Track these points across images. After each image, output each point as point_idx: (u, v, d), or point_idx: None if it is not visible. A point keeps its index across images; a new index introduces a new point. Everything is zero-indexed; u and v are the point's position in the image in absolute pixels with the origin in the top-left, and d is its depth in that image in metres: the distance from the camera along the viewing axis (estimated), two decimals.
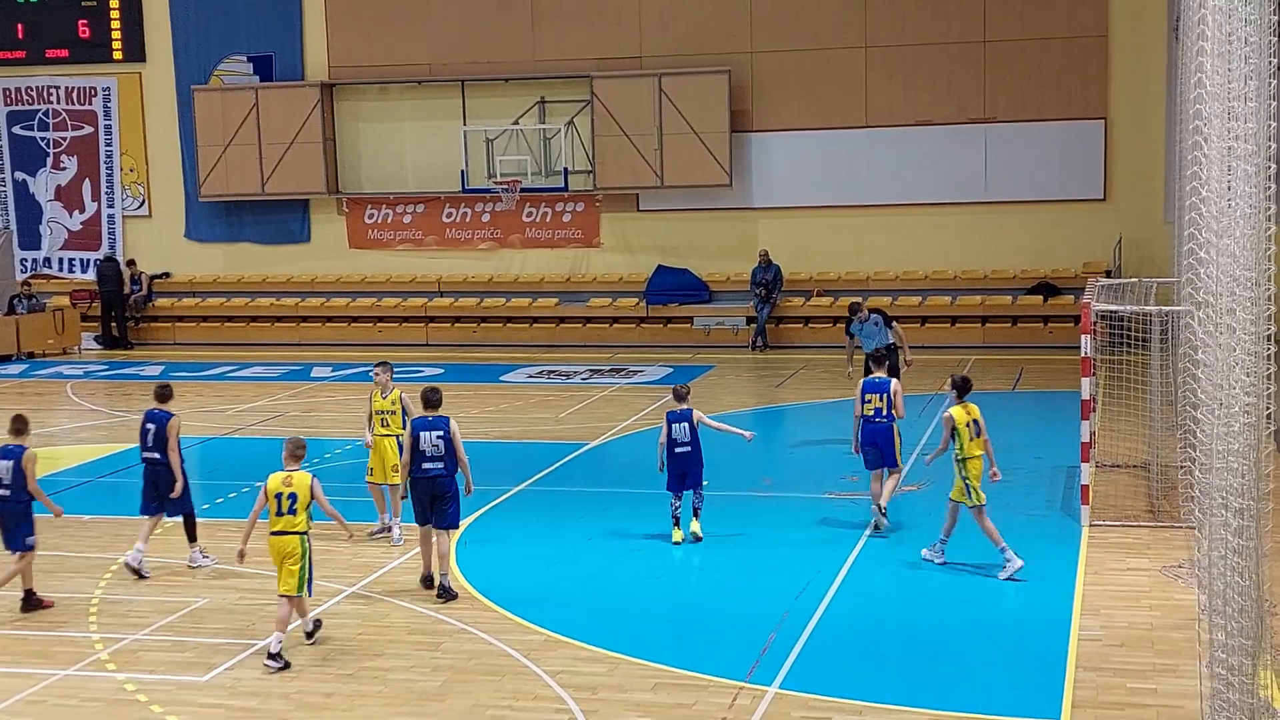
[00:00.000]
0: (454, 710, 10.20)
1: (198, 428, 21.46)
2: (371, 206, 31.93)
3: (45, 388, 26.28)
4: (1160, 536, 14.18)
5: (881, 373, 15.10)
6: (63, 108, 33.66)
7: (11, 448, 12.66)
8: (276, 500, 11.49)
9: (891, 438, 14.78)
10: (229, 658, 11.36)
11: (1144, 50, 27.83)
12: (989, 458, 13.35)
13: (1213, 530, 8.38)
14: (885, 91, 29.12)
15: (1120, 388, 17.14)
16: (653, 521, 15.34)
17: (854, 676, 10.70)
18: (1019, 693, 10.25)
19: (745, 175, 29.84)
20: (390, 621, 12.20)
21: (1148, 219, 27.76)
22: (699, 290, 30.02)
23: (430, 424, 12.84)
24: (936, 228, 29.24)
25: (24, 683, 10.94)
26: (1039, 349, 26.97)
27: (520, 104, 30.48)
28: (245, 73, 32.16)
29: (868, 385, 14.94)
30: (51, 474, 18.43)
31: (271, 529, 11.52)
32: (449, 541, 13.03)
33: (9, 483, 12.48)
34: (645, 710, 10.09)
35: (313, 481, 11.55)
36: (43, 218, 34.09)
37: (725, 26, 29.68)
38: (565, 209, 31.06)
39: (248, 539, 11.66)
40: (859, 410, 14.90)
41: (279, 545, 11.49)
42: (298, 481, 11.52)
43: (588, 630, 11.75)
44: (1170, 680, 10.35)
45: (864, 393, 14.88)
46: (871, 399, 14.79)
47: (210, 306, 32.41)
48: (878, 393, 14.80)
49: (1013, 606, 12.30)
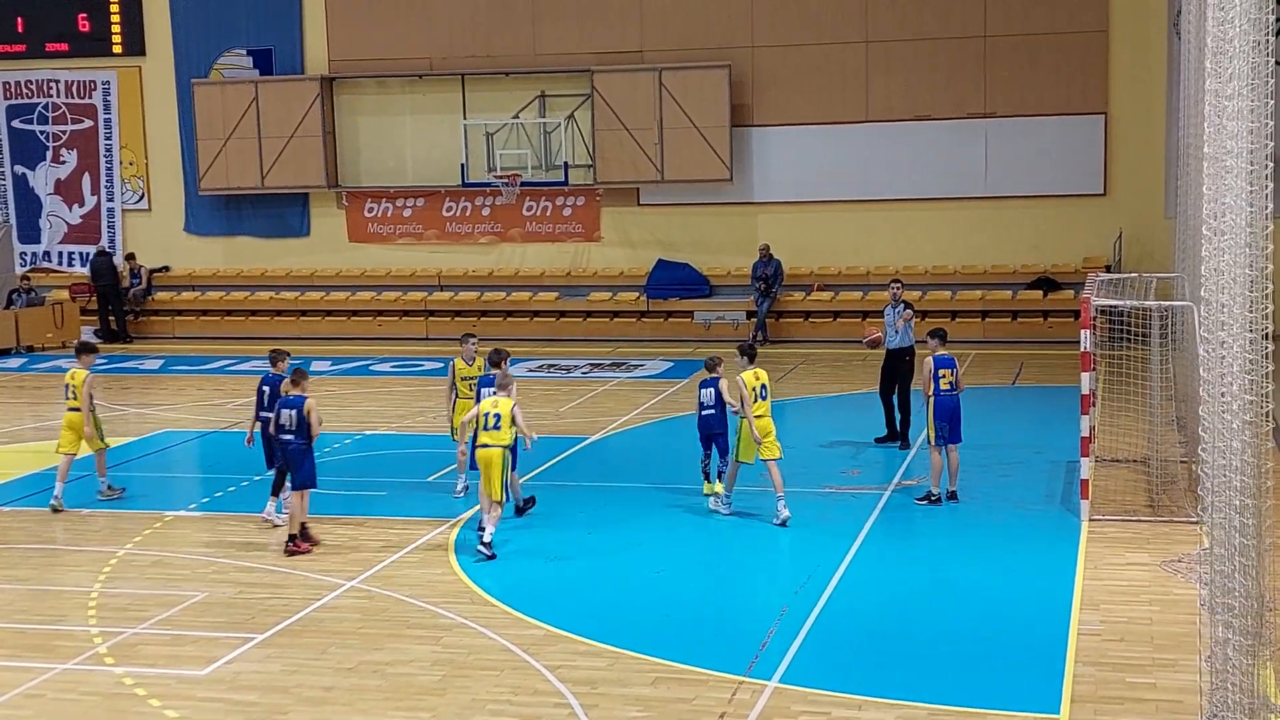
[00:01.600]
0: (453, 705, 10.20)
1: (196, 422, 21.48)
2: (371, 200, 31.92)
3: (44, 381, 26.27)
4: (1160, 531, 14.18)
5: (945, 350, 15.59)
6: (62, 101, 33.66)
7: (294, 398, 14.32)
8: (484, 418, 13.76)
9: (961, 412, 15.50)
10: (228, 651, 11.35)
11: (1144, 45, 27.82)
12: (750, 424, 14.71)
13: (1215, 525, 8.38)
14: (885, 86, 29.11)
15: (1120, 383, 17.13)
16: (652, 515, 15.35)
17: (854, 671, 10.69)
18: (1018, 687, 10.25)
19: (745, 170, 29.83)
20: (390, 616, 12.20)
21: (1148, 214, 27.77)
22: (699, 285, 30.02)
23: (488, 381, 14.85)
24: (937, 223, 29.24)
25: (22, 676, 10.94)
26: (1039, 344, 26.96)
27: (521, 98, 30.47)
28: (245, 66, 32.16)
29: (939, 361, 15.45)
30: (50, 468, 18.44)
31: (478, 443, 13.76)
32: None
33: (293, 428, 14.17)
34: (645, 704, 10.09)
35: (514, 409, 13.86)
36: (42, 211, 34.09)
37: (726, 21, 29.67)
38: (565, 203, 31.05)
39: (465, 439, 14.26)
40: (928, 386, 15.42)
41: (486, 456, 13.69)
42: (503, 406, 13.84)
43: (587, 625, 11.74)
44: (1170, 675, 10.35)
45: (937, 368, 15.41)
46: (945, 374, 15.38)
47: (210, 300, 32.40)
48: (949, 368, 15.41)
49: (1012, 601, 12.29)
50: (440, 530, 14.87)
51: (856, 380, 23.09)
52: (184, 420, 21.68)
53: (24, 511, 16.27)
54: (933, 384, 15.34)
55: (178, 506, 16.26)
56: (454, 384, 16.09)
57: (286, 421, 14.19)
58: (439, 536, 14.64)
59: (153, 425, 21.33)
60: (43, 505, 16.31)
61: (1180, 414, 17.39)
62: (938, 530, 14.40)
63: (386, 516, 15.59)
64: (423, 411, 21.41)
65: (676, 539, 14.58)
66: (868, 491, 16.02)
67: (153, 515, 15.81)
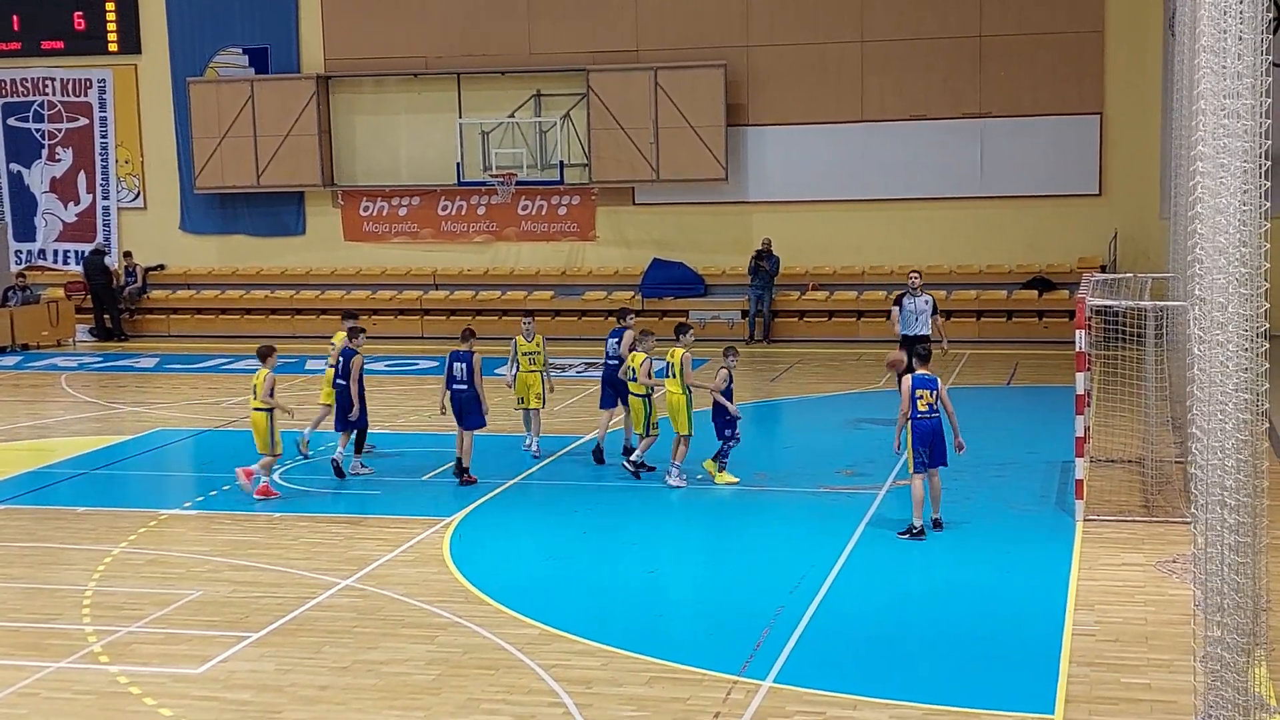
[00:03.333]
0: (448, 704, 10.20)
1: (191, 420, 21.46)
2: (367, 199, 31.91)
3: (39, 380, 26.26)
4: (1155, 531, 14.19)
5: (926, 370, 14.44)
6: (58, 99, 33.63)
7: (463, 353, 16.93)
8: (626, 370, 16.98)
9: (944, 434, 14.32)
10: (223, 650, 11.34)
11: (1140, 45, 27.84)
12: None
13: (1209, 525, 8.39)
14: (881, 86, 29.12)
15: (1115, 383, 17.14)
16: (647, 515, 15.35)
17: (849, 671, 10.69)
18: (1013, 687, 10.25)
19: (741, 169, 29.84)
20: (385, 615, 12.19)
21: (1143, 214, 27.79)
22: (694, 284, 30.02)
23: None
24: (932, 222, 29.25)
25: (16, 675, 10.92)
26: (1034, 344, 26.99)
27: (516, 97, 30.46)
28: (241, 65, 32.14)
29: (919, 381, 14.26)
30: (44, 466, 18.46)
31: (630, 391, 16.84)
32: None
33: (464, 379, 16.81)
34: (640, 704, 10.09)
35: (647, 361, 16.65)
36: (38, 210, 34.05)
37: (721, 20, 29.68)
38: (561, 202, 31.05)
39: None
40: (906, 407, 14.21)
41: (633, 403, 16.94)
42: (636, 360, 16.72)
43: (582, 624, 11.74)
44: (1164, 675, 10.36)
45: (916, 388, 14.19)
46: (924, 395, 14.19)
47: (205, 299, 32.37)
48: (929, 389, 14.23)
49: (1007, 601, 12.30)
50: (435, 529, 14.86)
51: (851, 380, 23.10)
52: (179, 419, 21.66)
53: (18, 510, 16.25)
54: (910, 405, 14.11)
55: (172, 505, 16.24)
56: (515, 359, 18.37)
57: (458, 373, 16.85)
58: (434, 535, 14.64)
59: (147, 423, 21.31)
60: (37, 504, 16.32)
61: (1175, 414, 17.41)
62: (932, 531, 14.39)
63: (381, 515, 15.58)
64: (417, 410, 21.39)
65: (671, 538, 14.59)
66: (863, 491, 16.02)
67: (147, 514, 15.80)
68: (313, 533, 14.87)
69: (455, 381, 16.93)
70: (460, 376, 16.89)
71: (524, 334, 18.45)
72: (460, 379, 16.88)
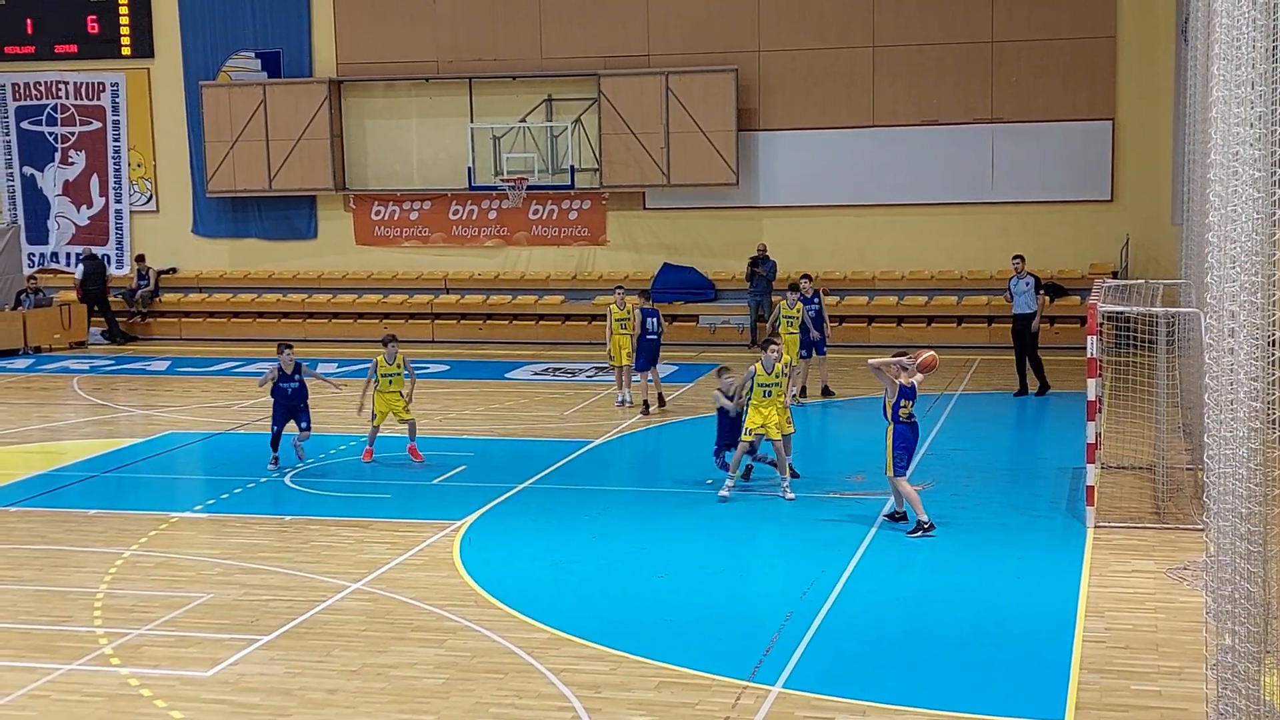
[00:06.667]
0: (457, 708, 10.20)
1: (202, 423, 21.50)
2: (378, 203, 31.95)
3: (51, 382, 26.32)
4: (1165, 538, 14.16)
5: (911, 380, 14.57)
6: (71, 103, 33.72)
7: (649, 310, 21.27)
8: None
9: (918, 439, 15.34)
10: (233, 653, 11.36)
11: (1152, 51, 27.80)
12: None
13: (1221, 533, 8.37)
14: (892, 91, 29.11)
15: (1126, 389, 17.13)
16: (657, 519, 15.35)
17: (858, 676, 10.69)
18: (1023, 694, 10.24)
19: (752, 174, 29.83)
20: (394, 618, 12.21)
21: (1155, 220, 27.74)
22: (704, 288, 30.01)
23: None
24: (943, 228, 29.22)
25: (27, 677, 10.95)
26: (1045, 349, 26.87)
27: (527, 102, 30.49)
28: (253, 69, 32.19)
29: (904, 391, 14.47)
30: (56, 469, 18.50)
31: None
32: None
33: (655, 331, 21.45)
34: (649, 709, 10.09)
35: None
36: (50, 213, 34.14)
37: (732, 25, 29.68)
38: (571, 207, 31.07)
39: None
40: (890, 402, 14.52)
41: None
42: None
43: (591, 628, 11.75)
44: (1175, 683, 10.33)
45: (900, 397, 14.41)
46: (906, 405, 14.41)
47: (216, 302, 32.43)
48: (909, 399, 14.43)
49: (1017, 607, 12.28)
50: (445, 533, 14.88)
51: (861, 385, 23.07)
52: (190, 422, 21.70)
53: (30, 512, 16.29)
54: (893, 410, 14.49)
55: (184, 508, 16.28)
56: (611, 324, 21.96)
57: (650, 326, 21.12)
58: (444, 539, 14.65)
59: (159, 426, 21.36)
60: (48, 506, 16.36)
61: (1186, 421, 17.37)
62: (943, 536, 14.38)
63: (391, 519, 15.60)
64: (428, 414, 21.41)
65: (681, 543, 14.58)
66: (872, 496, 16.01)
67: (158, 516, 15.83)
68: (323, 536, 14.89)
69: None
70: (652, 329, 21.39)
71: (616, 301, 22.09)
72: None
